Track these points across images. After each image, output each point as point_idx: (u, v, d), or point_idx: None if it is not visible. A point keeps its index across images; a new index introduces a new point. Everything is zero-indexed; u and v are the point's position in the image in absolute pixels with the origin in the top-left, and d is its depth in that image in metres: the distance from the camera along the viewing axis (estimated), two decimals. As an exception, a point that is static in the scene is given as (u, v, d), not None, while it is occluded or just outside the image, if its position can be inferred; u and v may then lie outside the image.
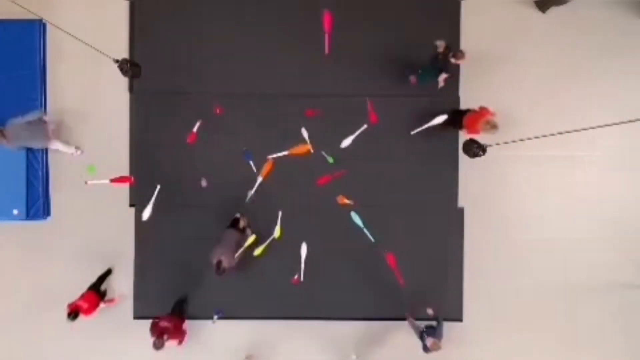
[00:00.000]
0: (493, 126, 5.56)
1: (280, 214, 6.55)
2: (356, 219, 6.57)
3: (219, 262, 5.71)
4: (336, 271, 6.87)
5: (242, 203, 6.65)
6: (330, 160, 6.72)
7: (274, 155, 6.64)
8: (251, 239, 6.25)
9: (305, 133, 6.64)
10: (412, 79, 6.68)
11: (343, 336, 6.94)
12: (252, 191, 6.56)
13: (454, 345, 6.92)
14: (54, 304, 6.90)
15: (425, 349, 5.95)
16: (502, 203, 7.01)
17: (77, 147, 6.83)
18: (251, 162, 6.68)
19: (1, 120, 6.73)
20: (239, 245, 6.05)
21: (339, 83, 6.86)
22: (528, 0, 7.02)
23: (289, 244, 6.80)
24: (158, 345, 5.79)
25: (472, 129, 5.79)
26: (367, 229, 6.53)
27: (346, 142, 6.37)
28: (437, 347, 5.85)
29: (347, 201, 6.66)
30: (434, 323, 6.22)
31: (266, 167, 6.63)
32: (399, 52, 6.90)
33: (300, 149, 6.63)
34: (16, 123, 6.17)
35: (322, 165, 6.73)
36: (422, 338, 6.05)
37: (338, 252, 6.85)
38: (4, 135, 6.02)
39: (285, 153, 6.63)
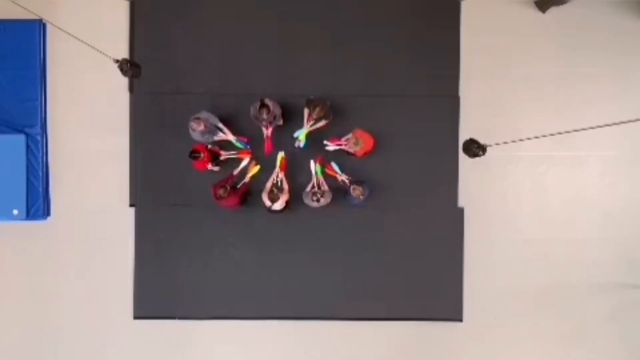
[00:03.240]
0: (355, 143, 6.12)
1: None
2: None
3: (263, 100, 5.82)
4: (334, 270, 6.88)
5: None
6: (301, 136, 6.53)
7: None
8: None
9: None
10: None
11: (341, 336, 6.95)
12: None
13: (454, 345, 6.94)
14: (54, 304, 6.92)
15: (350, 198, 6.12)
16: (502, 203, 7.01)
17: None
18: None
19: (1, 121, 6.78)
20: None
21: (339, 83, 6.86)
22: (528, 0, 7.02)
23: (288, 244, 6.87)
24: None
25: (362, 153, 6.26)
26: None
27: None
28: (361, 194, 5.98)
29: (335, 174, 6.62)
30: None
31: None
32: (399, 52, 6.90)
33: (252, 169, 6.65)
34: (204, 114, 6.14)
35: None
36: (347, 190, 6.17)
37: (335, 250, 6.88)
38: (199, 123, 5.95)
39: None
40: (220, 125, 6.34)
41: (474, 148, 4.19)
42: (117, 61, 4.56)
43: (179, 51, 6.88)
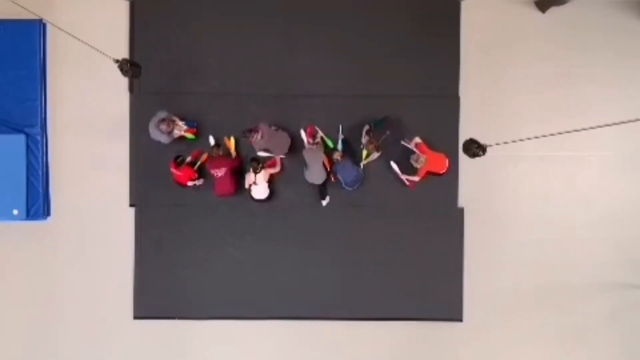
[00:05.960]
0: (416, 160, 6.28)
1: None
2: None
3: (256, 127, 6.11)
4: (334, 270, 6.88)
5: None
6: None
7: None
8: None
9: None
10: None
11: (341, 336, 6.96)
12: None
13: (454, 345, 6.94)
14: (54, 304, 6.92)
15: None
16: (502, 203, 7.01)
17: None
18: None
19: (1, 121, 6.78)
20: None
21: (339, 83, 6.86)
22: (528, 0, 7.02)
23: (288, 244, 6.87)
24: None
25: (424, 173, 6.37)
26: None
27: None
28: (339, 156, 6.28)
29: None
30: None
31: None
32: (399, 52, 6.90)
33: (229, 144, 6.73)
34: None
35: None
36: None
37: (335, 251, 6.88)
38: (169, 124, 6.09)
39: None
40: (175, 118, 6.34)
41: (474, 148, 4.20)
42: (117, 61, 4.57)
43: (179, 51, 6.88)
